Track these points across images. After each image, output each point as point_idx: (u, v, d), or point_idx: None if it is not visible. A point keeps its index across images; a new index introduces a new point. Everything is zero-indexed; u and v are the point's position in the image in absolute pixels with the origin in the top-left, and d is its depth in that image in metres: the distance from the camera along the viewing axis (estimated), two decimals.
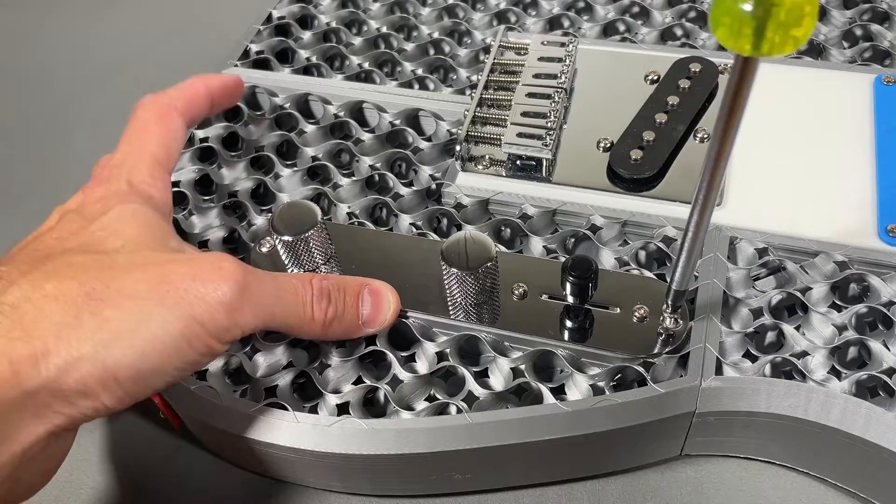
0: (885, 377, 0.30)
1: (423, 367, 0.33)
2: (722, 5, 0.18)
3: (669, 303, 0.31)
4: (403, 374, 0.32)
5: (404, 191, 0.39)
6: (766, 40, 0.18)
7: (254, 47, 0.48)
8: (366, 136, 0.42)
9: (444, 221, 0.39)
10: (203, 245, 0.39)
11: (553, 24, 0.48)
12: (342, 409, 0.32)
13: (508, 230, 0.38)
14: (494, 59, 0.42)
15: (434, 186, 0.40)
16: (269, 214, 0.38)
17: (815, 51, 0.44)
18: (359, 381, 0.33)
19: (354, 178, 0.40)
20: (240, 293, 0.26)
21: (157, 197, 0.31)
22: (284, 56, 0.48)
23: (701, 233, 0.26)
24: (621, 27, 0.47)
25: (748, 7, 0.18)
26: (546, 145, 0.37)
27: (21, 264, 0.26)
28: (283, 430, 0.30)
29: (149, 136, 0.33)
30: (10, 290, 0.24)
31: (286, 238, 0.33)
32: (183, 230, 0.39)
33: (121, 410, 0.26)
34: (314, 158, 0.42)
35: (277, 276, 0.29)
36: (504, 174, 0.39)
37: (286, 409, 0.31)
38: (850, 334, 0.32)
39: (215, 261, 0.27)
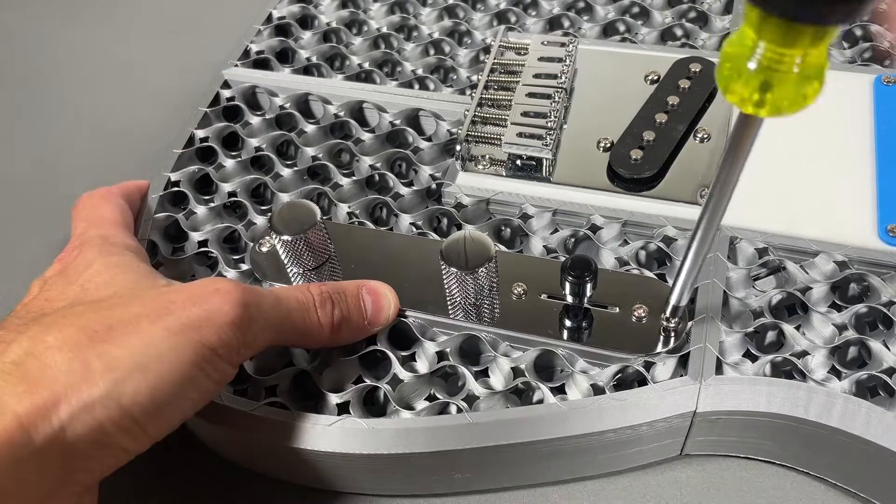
0: (885, 377, 0.30)
1: (423, 366, 0.33)
2: (728, 62, 0.18)
3: (667, 314, 0.31)
4: (403, 374, 0.32)
5: (404, 190, 0.39)
6: (769, 102, 0.18)
7: (254, 47, 0.48)
8: (366, 136, 0.42)
9: (444, 221, 0.39)
10: (203, 244, 0.39)
11: (553, 24, 0.48)
12: (342, 408, 0.32)
13: (508, 230, 0.38)
14: (494, 59, 0.42)
15: (434, 186, 0.40)
16: (269, 214, 0.38)
17: None
18: (359, 380, 0.33)
19: (354, 178, 0.40)
20: (243, 309, 0.26)
21: (133, 245, 0.32)
22: (284, 56, 0.48)
23: (699, 261, 0.27)
24: (621, 27, 0.47)
25: (753, 66, 0.17)
26: (546, 145, 0.37)
27: (16, 325, 0.25)
28: (283, 429, 0.30)
29: (102, 211, 0.34)
30: (11, 349, 0.23)
31: (285, 237, 0.33)
32: (183, 230, 0.39)
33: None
34: (314, 158, 0.42)
35: (275, 290, 0.30)
36: (504, 174, 0.39)
37: (286, 408, 0.31)
38: (850, 334, 0.32)
39: (210, 283, 0.27)
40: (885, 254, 0.34)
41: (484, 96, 0.40)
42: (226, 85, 0.46)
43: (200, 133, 0.43)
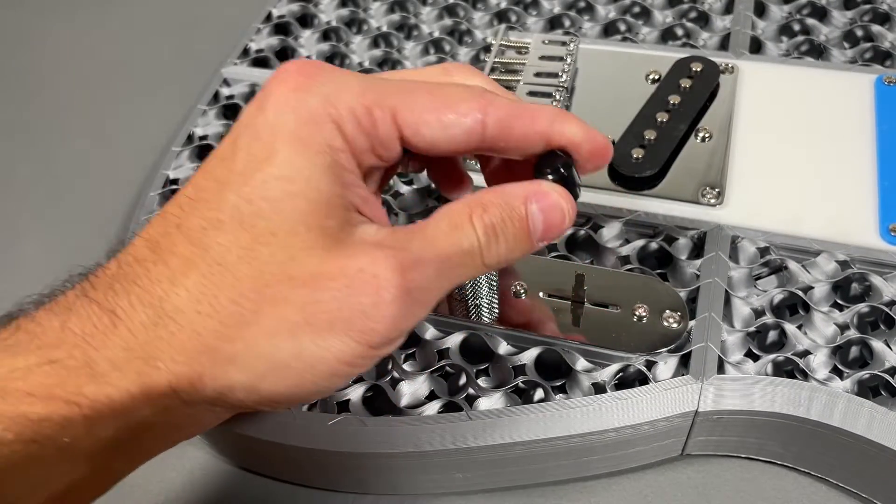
0: (887, 376, 0.30)
1: (423, 365, 0.33)
2: None
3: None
4: (404, 373, 0.32)
5: (405, 189, 0.39)
6: None
7: (253, 45, 0.47)
8: None
9: None
10: None
11: (554, 23, 0.48)
12: (342, 407, 0.32)
13: None
14: (495, 58, 0.42)
15: (434, 185, 0.39)
16: None
17: (817, 51, 0.44)
18: (359, 379, 0.33)
19: None
20: (402, 300, 0.22)
21: (340, 145, 0.23)
22: (284, 55, 0.48)
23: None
24: (622, 27, 0.47)
25: None
26: None
27: (172, 251, 0.22)
28: (283, 428, 0.30)
29: (337, 75, 0.25)
30: (172, 296, 0.22)
31: None
32: None
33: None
34: None
35: (437, 248, 0.23)
36: None
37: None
38: (852, 333, 0.32)
39: (368, 267, 0.22)
40: (887, 253, 0.34)
41: None
42: (225, 83, 0.46)
43: (199, 131, 0.43)
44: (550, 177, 0.25)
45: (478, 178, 0.32)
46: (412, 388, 0.32)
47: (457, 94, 0.24)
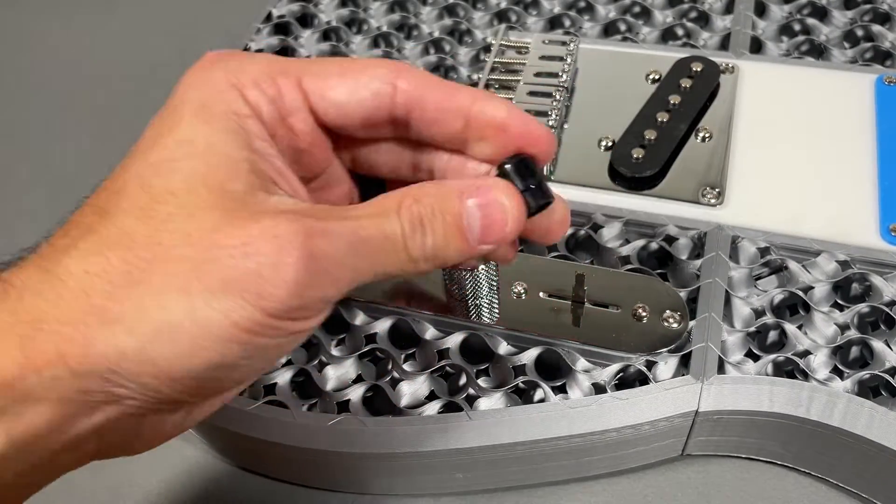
0: (887, 377, 0.30)
1: (423, 365, 0.33)
2: None
3: None
4: (404, 373, 0.32)
5: None
6: None
7: (253, 46, 0.47)
8: None
9: None
10: None
11: (554, 23, 0.48)
12: (342, 407, 0.32)
13: None
14: (495, 57, 0.42)
15: None
16: None
17: (817, 51, 0.44)
18: (359, 379, 0.33)
19: None
20: (305, 265, 0.20)
21: (247, 112, 0.22)
22: (284, 54, 0.48)
23: None
24: (622, 27, 0.47)
25: None
26: None
27: (77, 222, 0.22)
28: (283, 428, 0.30)
29: (245, 59, 0.24)
30: (65, 259, 0.20)
31: None
32: None
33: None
34: None
35: (350, 219, 0.21)
36: None
37: (285, 407, 0.31)
38: (853, 334, 0.32)
39: (270, 228, 0.20)
40: (887, 253, 0.33)
41: None
42: None
43: None
44: (499, 172, 0.23)
45: None
46: (412, 389, 0.32)
47: (367, 61, 0.23)
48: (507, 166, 0.23)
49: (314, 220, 0.21)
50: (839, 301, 0.34)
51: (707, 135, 0.39)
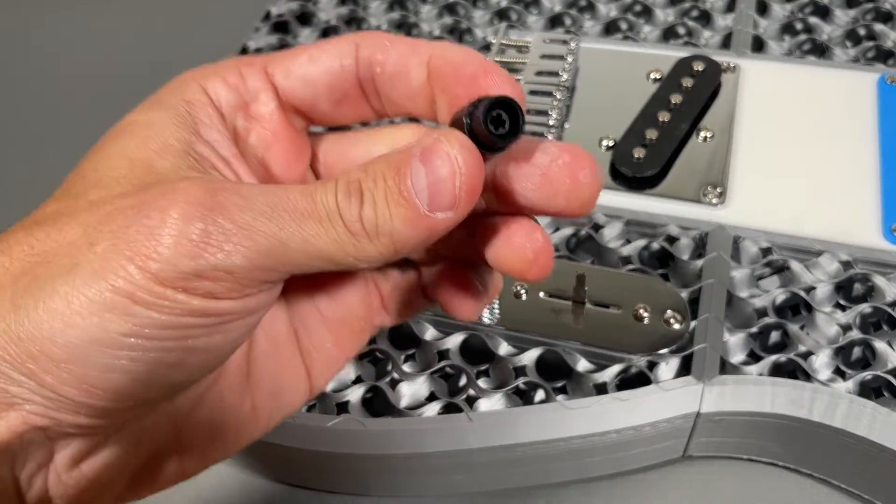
0: (889, 377, 0.30)
1: (423, 366, 0.33)
2: None
3: None
4: (404, 374, 0.32)
5: None
6: None
7: (252, 45, 0.47)
8: None
9: None
10: None
11: (554, 22, 0.48)
12: (341, 408, 0.32)
13: None
14: (496, 57, 0.42)
15: None
16: None
17: (819, 50, 0.44)
18: (358, 380, 0.33)
19: None
20: (198, 220, 0.17)
21: (200, 99, 0.21)
22: None
23: None
24: (623, 26, 0.47)
25: None
26: None
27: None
28: (283, 428, 0.30)
29: (226, 70, 0.23)
30: None
31: None
32: None
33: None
34: None
35: (274, 187, 0.18)
36: None
37: None
38: (855, 334, 0.32)
39: (171, 185, 0.18)
40: (890, 253, 0.33)
41: None
42: None
43: None
44: (451, 122, 0.19)
45: None
46: (412, 389, 0.32)
47: (332, 39, 0.21)
48: (474, 108, 0.17)
49: (225, 181, 0.18)
50: (841, 301, 0.33)
51: (709, 134, 0.38)
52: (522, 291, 0.33)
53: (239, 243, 0.17)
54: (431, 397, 0.32)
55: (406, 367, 0.33)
